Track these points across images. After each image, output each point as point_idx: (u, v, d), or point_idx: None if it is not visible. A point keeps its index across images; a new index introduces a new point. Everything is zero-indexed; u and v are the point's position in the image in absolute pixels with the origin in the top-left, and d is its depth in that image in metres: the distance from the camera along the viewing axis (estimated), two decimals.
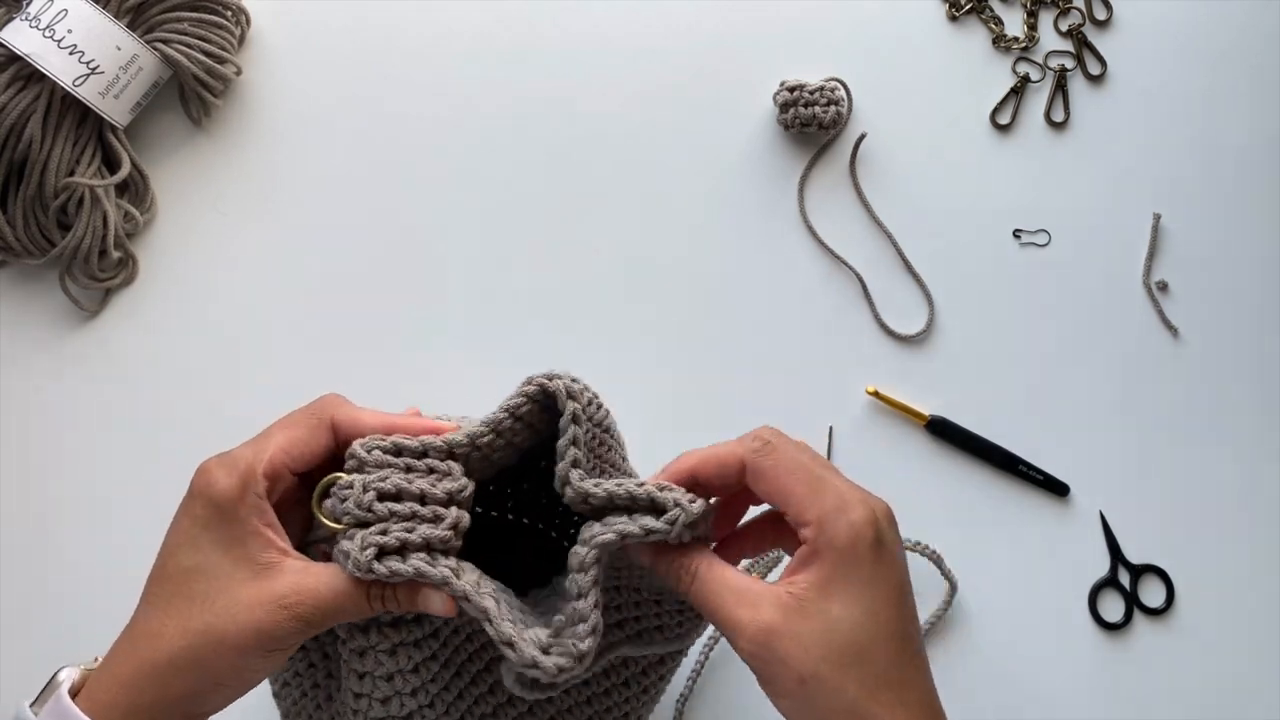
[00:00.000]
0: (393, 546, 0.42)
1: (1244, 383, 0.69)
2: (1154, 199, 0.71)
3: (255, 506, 0.43)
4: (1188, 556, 0.67)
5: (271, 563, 0.42)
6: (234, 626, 0.41)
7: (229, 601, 0.41)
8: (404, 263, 0.69)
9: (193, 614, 0.41)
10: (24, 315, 0.68)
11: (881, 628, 0.41)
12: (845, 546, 0.41)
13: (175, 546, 0.43)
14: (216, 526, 0.42)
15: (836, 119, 0.70)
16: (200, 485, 0.43)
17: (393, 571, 0.41)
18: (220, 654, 0.41)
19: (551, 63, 0.72)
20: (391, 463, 0.44)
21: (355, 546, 0.41)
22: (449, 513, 0.43)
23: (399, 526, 0.42)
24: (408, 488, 0.43)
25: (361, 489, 0.42)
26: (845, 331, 0.69)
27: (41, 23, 0.64)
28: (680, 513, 0.42)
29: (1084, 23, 0.73)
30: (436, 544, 0.42)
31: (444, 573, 0.41)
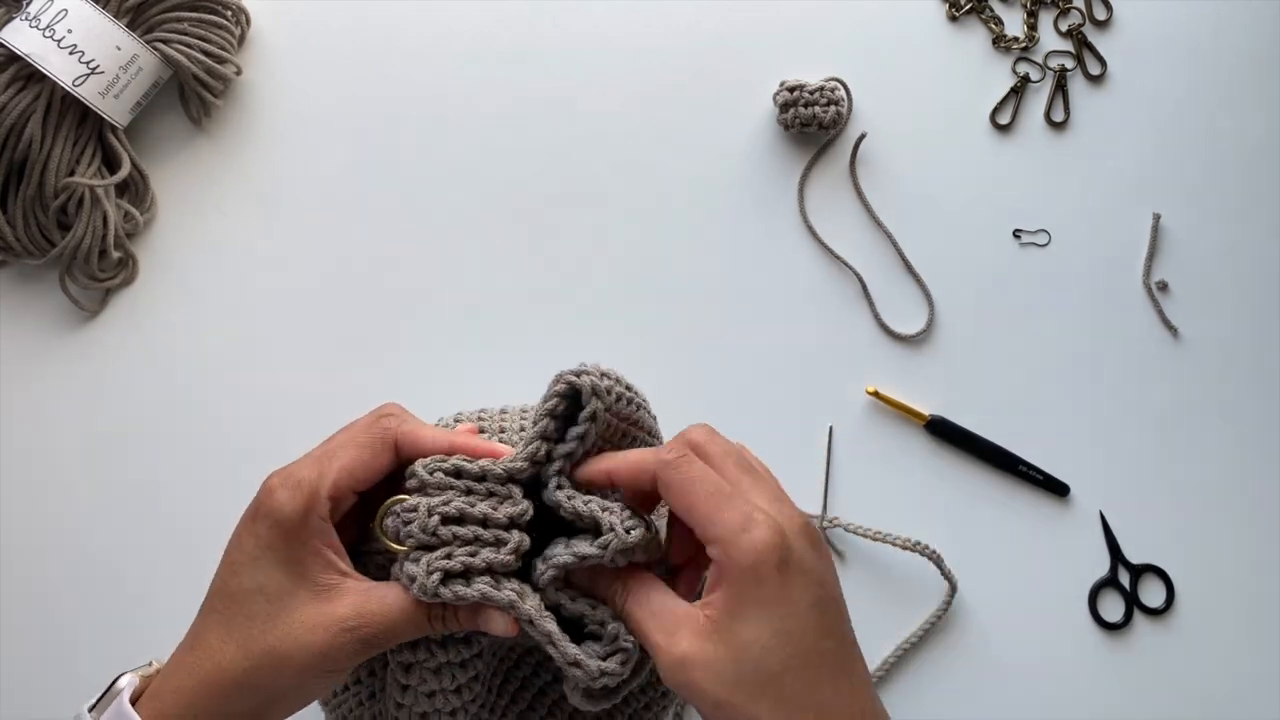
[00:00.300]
0: (457, 570, 0.43)
1: (1244, 383, 0.69)
2: (1154, 199, 0.71)
3: (319, 529, 0.43)
4: (1188, 556, 0.67)
5: (333, 584, 0.43)
6: (296, 649, 0.42)
7: (291, 624, 0.42)
8: (404, 262, 0.69)
9: (254, 635, 0.42)
10: (24, 315, 0.68)
11: (794, 649, 0.40)
12: (748, 567, 0.40)
13: (238, 565, 0.43)
14: (280, 547, 0.42)
15: (836, 119, 0.70)
16: (265, 506, 0.43)
17: (458, 596, 0.42)
18: (282, 675, 0.42)
19: (551, 63, 0.72)
20: (453, 484, 0.44)
21: (421, 571, 0.42)
22: (511, 536, 0.44)
23: (463, 551, 0.43)
24: (470, 511, 0.44)
25: (426, 512, 0.43)
26: (845, 331, 0.69)
27: (41, 23, 0.64)
28: (614, 538, 0.42)
29: (1084, 23, 0.73)
30: (499, 568, 0.43)
31: (509, 596, 0.42)
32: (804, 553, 0.41)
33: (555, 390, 0.44)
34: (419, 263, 0.69)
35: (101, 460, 0.67)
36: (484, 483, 0.45)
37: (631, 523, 0.43)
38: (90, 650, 0.65)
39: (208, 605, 0.44)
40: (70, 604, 0.65)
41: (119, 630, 0.65)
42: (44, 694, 0.64)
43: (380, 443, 0.44)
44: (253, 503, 0.44)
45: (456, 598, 0.42)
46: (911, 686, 0.65)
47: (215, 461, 0.67)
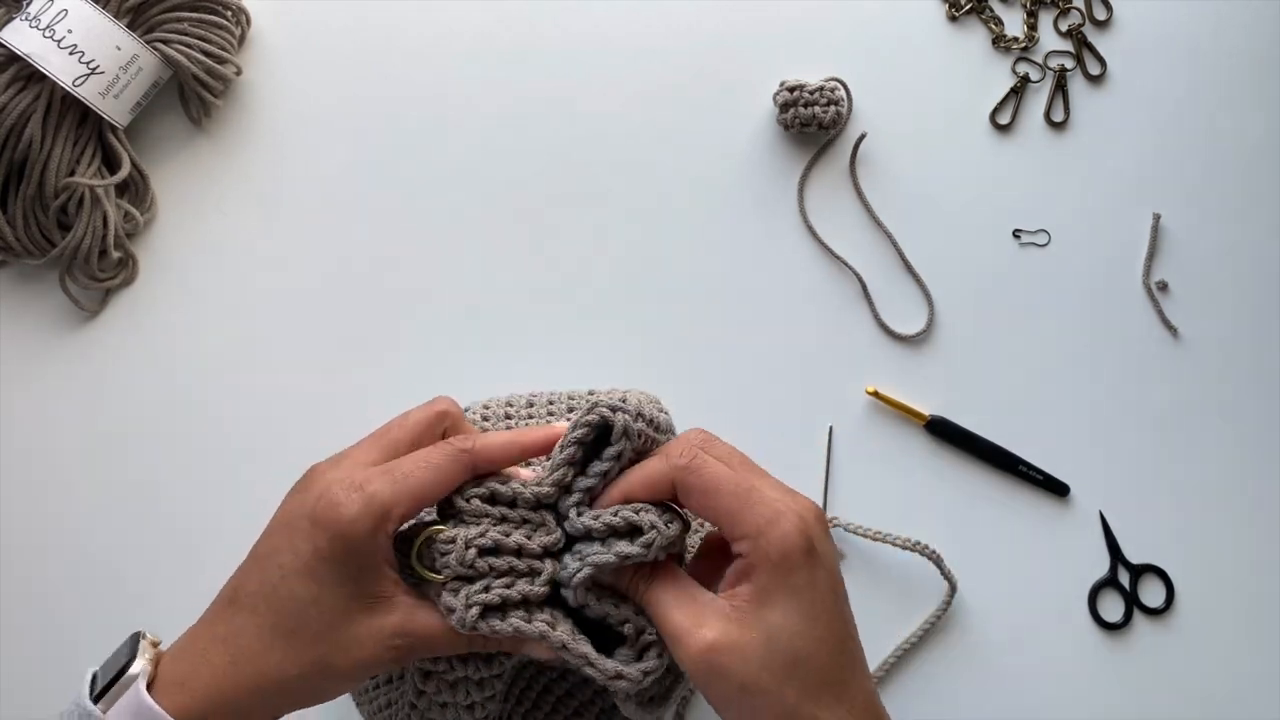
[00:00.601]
0: (495, 604, 0.43)
1: (1244, 383, 0.69)
2: (1154, 199, 0.71)
3: (382, 548, 0.43)
4: (1188, 556, 0.67)
5: (385, 597, 0.43)
6: (344, 660, 0.42)
7: (342, 637, 0.42)
8: (404, 262, 0.69)
9: (304, 646, 0.42)
10: (24, 315, 0.68)
11: (820, 633, 0.42)
12: (779, 559, 0.41)
13: (291, 572, 0.42)
14: (340, 562, 0.42)
15: (836, 119, 0.70)
16: (329, 519, 0.42)
17: (494, 630, 0.43)
18: (326, 680, 0.43)
19: (551, 63, 0.72)
20: (488, 512, 0.45)
21: (460, 604, 0.43)
22: (544, 566, 0.45)
23: (499, 583, 0.44)
24: (505, 541, 0.44)
25: (464, 546, 0.44)
26: (845, 331, 0.69)
27: (41, 23, 0.64)
28: (656, 535, 0.43)
29: (1084, 23, 0.73)
30: (534, 599, 0.44)
31: (541, 628, 0.43)
32: (822, 540, 0.43)
33: (587, 420, 0.45)
34: (419, 263, 0.69)
35: (101, 460, 0.67)
36: (516, 509, 0.45)
37: (667, 517, 0.44)
38: (90, 650, 0.65)
39: (247, 603, 0.43)
40: (70, 604, 0.65)
41: (119, 630, 0.65)
42: (44, 694, 0.64)
43: (454, 464, 0.44)
44: (310, 506, 0.42)
45: (492, 631, 0.43)
46: (911, 686, 0.65)
47: (215, 461, 0.67)
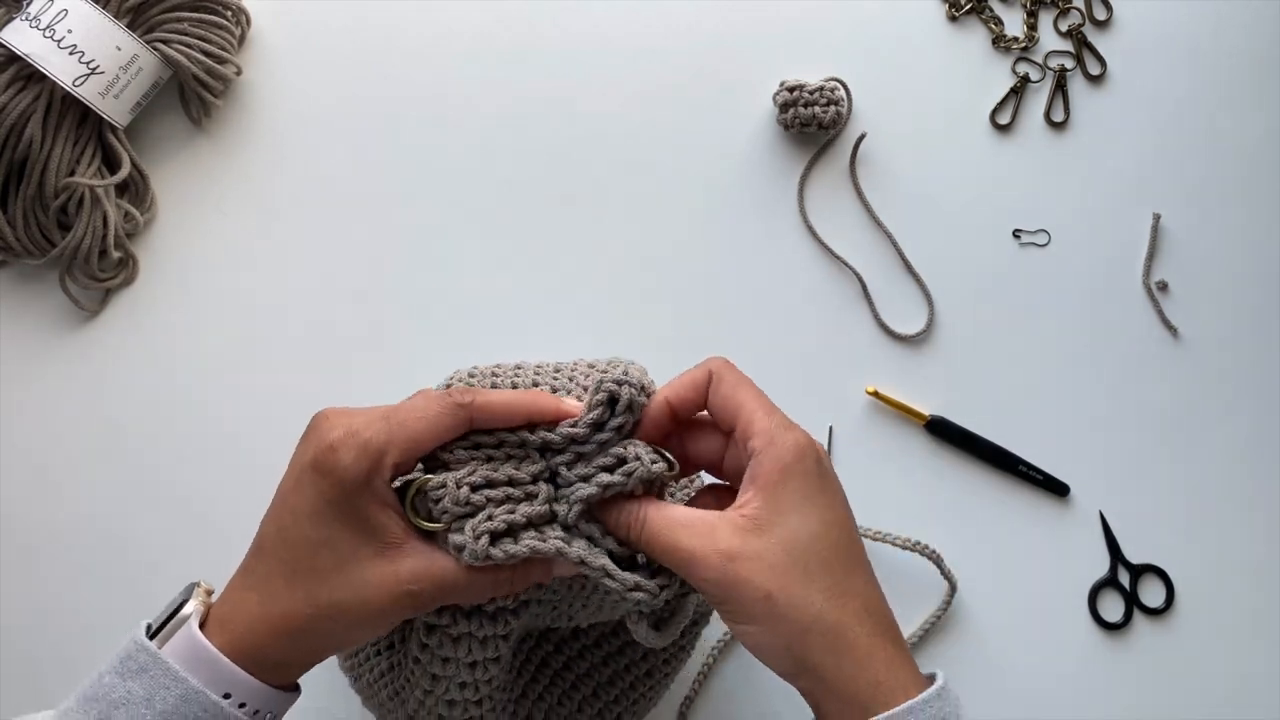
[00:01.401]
0: (501, 530, 0.44)
1: (1244, 383, 0.69)
2: (1154, 199, 0.71)
3: (380, 491, 0.44)
4: (1188, 556, 0.67)
5: (396, 543, 0.44)
6: (360, 603, 0.43)
7: (355, 580, 0.43)
8: (404, 262, 0.69)
9: (320, 588, 0.43)
10: (24, 315, 0.68)
11: (839, 538, 0.43)
12: (793, 460, 0.42)
13: (300, 515, 0.43)
14: (342, 505, 0.43)
15: (836, 119, 0.70)
16: (329, 464, 0.43)
17: (509, 554, 0.44)
18: (345, 625, 0.43)
19: (551, 63, 0.72)
20: (473, 455, 0.46)
21: (468, 538, 0.43)
22: (540, 488, 0.46)
23: (501, 510, 0.44)
24: (495, 475, 0.45)
25: (455, 485, 0.44)
26: (845, 331, 0.69)
27: (41, 23, 0.64)
28: (639, 465, 0.45)
29: (1084, 23, 0.73)
30: (537, 520, 0.45)
31: (556, 544, 0.44)
32: (826, 460, 0.45)
33: (598, 400, 0.46)
34: (419, 263, 0.69)
35: (102, 459, 0.67)
36: (502, 448, 0.46)
37: (653, 455, 0.45)
38: (90, 649, 0.65)
39: (269, 549, 0.44)
40: (71, 603, 0.65)
41: (120, 629, 0.65)
42: (45, 694, 0.64)
43: (451, 415, 0.45)
44: (310, 450, 0.44)
45: (508, 556, 0.43)
46: None
47: (215, 461, 0.67)
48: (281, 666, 0.44)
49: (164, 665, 0.42)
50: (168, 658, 0.42)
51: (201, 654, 0.42)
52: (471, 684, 0.49)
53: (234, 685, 0.42)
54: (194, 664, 0.42)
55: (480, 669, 0.48)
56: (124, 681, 0.42)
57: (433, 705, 0.50)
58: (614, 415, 0.46)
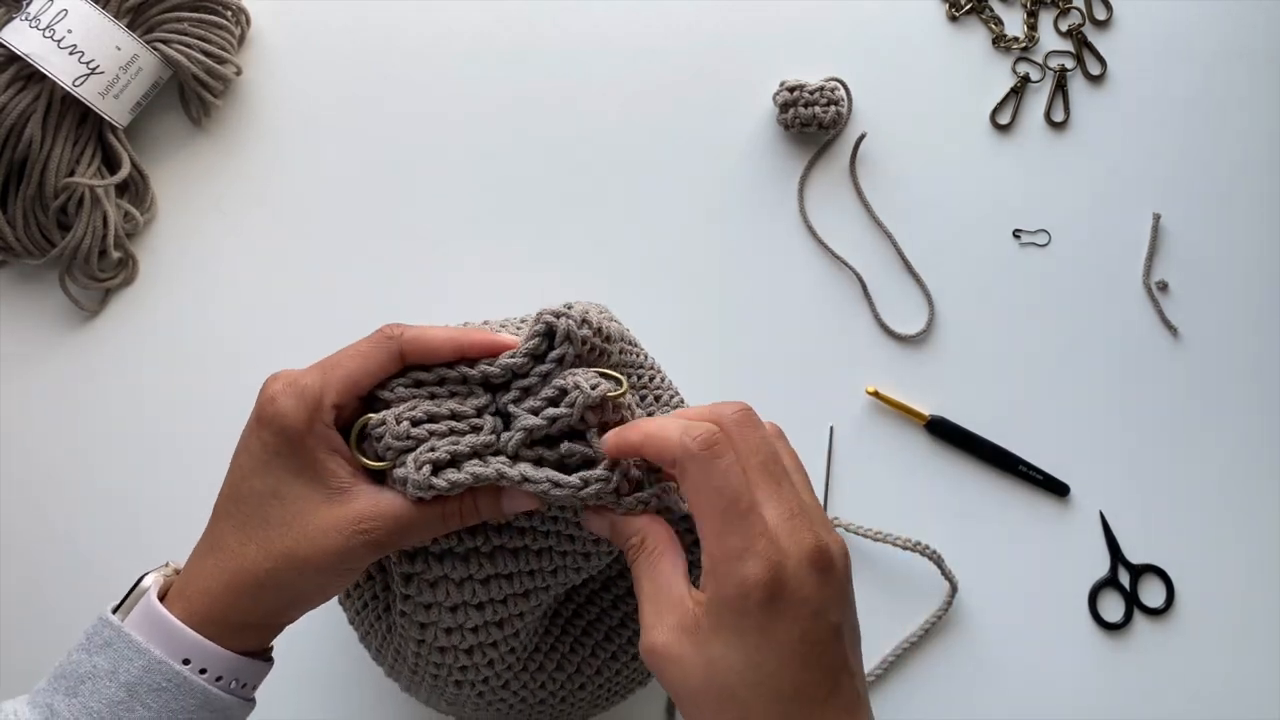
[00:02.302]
0: (445, 460, 0.43)
1: (1244, 383, 0.69)
2: (1154, 199, 0.71)
3: (324, 435, 0.44)
4: (1188, 556, 0.67)
5: (344, 487, 0.43)
6: (313, 550, 0.43)
7: (307, 526, 0.43)
8: (404, 263, 0.69)
9: (272, 538, 0.43)
10: (24, 315, 0.68)
11: (765, 683, 0.38)
12: (734, 599, 0.39)
13: (248, 470, 0.44)
14: (287, 454, 0.43)
15: (836, 119, 0.70)
16: (268, 414, 0.43)
17: (452, 483, 0.43)
18: (302, 575, 0.43)
19: (551, 63, 0.72)
20: (415, 393, 0.45)
21: (410, 469, 0.43)
22: (485, 421, 0.45)
23: (445, 441, 0.44)
24: (438, 410, 0.45)
25: (395, 420, 0.44)
26: (845, 331, 0.69)
27: (41, 23, 0.64)
28: (578, 394, 0.44)
29: (1084, 23, 0.73)
30: (484, 450, 0.44)
31: (499, 468, 0.44)
32: (802, 584, 0.39)
33: (536, 330, 0.46)
34: (418, 263, 0.69)
35: (101, 459, 0.67)
36: (444, 385, 0.46)
37: (594, 380, 0.45)
38: None
39: (221, 509, 0.44)
40: (69, 603, 0.65)
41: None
42: None
43: (383, 350, 0.45)
44: (255, 407, 0.44)
45: (451, 485, 0.43)
46: (911, 686, 0.65)
47: (215, 461, 0.67)
48: (246, 629, 0.44)
49: (126, 638, 0.42)
50: (129, 630, 0.42)
51: (160, 623, 0.42)
52: (456, 629, 0.49)
53: (193, 651, 0.42)
54: (154, 634, 0.42)
55: (461, 612, 0.48)
56: (90, 656, 0.42)
57: (427, 655, 0.50)
58: (553, 347, 0.45)
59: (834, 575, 0.40)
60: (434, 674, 0.52)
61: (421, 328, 0.45)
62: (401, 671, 0.54)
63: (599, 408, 0.45)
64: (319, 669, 0.65)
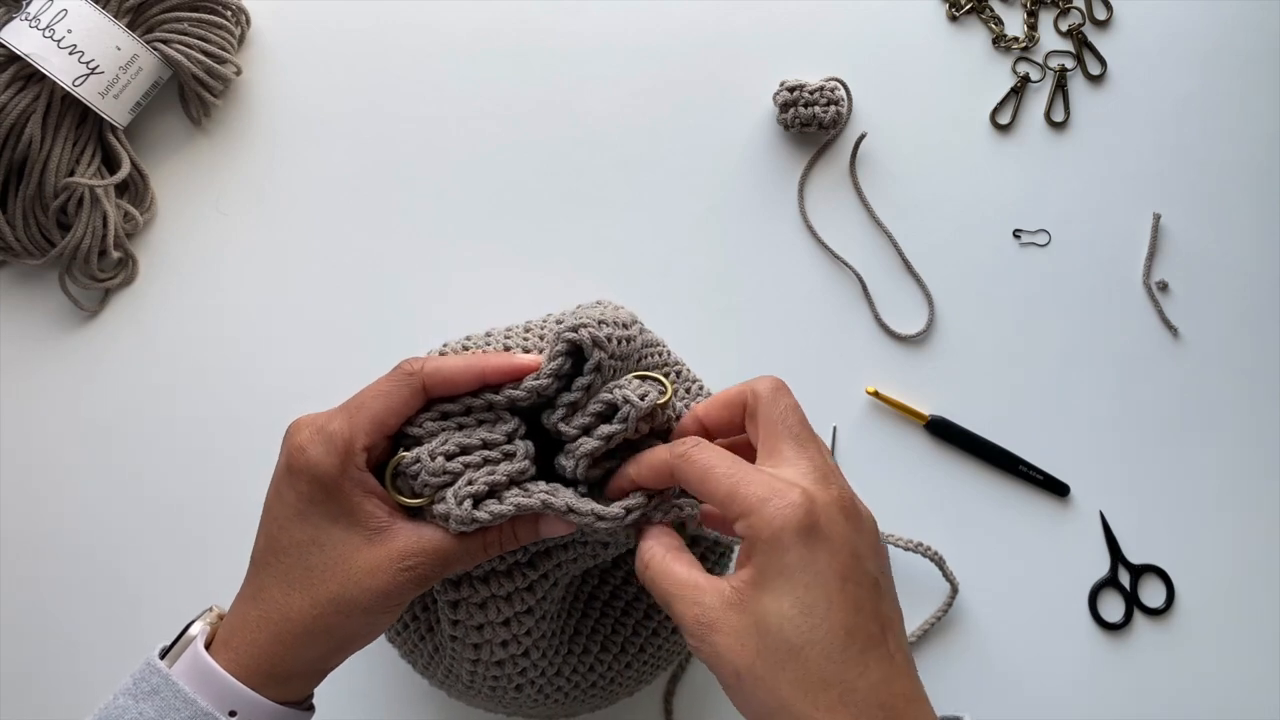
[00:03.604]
0: (484, 492, 0.44)
1: (1244, 383, 0.69)
2: (1154, 199, 0.71)
3: (357, 479, 0.44)
4: (1188, 556, 0.67)
5: (383, 527, 0.44)
6: (359, 592, 0.43)
7: (350, 570, 0.43)
8: (403, 262, 0.69)
9: (317, 586, 0.43)
10: (24, 315, 0.68)
11: (818, 623, 0.38)
12: (770, 536, 0.39)
13: (284, 521, 0.44)
14: (323, 501, 0.44)
15: (836, 119, 0.70)
16: (300, 463, 0.44)
17: (495, 515, 0.44)
18: (350, 618, 0.43)
19: (551, 63, 0.72)
20: (444, 426, 0.46)
21: (452, 505, 0.43)
22: (517, 446, 0.46)
23: (481, 473, 0.44)
24: (470, 441, 0.45)
25: (429, 457, 0.44)
26: (845, 331, 0.69)
27: (41, 23, 0.64)
28: (630, 409, 0.45)
29: (1084, 23, 0.73)
30: (519, 477, 0.45)
31: (541, 498, 0.44)
32: (834, 523, 0.40)
33: (558, 350, 0.46)
34: (418, 263, 0.69)
35: (101, 460, 0.67)
36: (471, 414, 0.46)
37: (642, 390, 0.45)
38: (89, 649, 0.65)
39: (261, 560, 0.45)
40: (70, 603, 0.65)
41: (118, 628, 0.65)
42: (45, 693, 0.64)
43: (406, 388, 0.45)
44: (284, 457, 0.45)
45: (495, 516, 0.43)
46: None
47: (215, 461, 0.67)
48: (293, 678, 0.44)
49: (174, 686, 0.42)
50: (177, 679, 0.42)
51: (207, 673, 0.43)
52: (512, 639, 0.49)
53: (239, 703, 0.42)
54: (201, 684, 0.42)
55: (515, 623, 0.49)
56: (137, 703, 0.42)
57: (484, 671, 0.51)
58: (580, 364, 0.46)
59: (864, 525, 0.42)
60: (492, 685, 0.52)
61: (440, 360, 0.46)
62: (455, 686, 0.54)
63: (650, 416, 0.46)
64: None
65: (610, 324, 0.47)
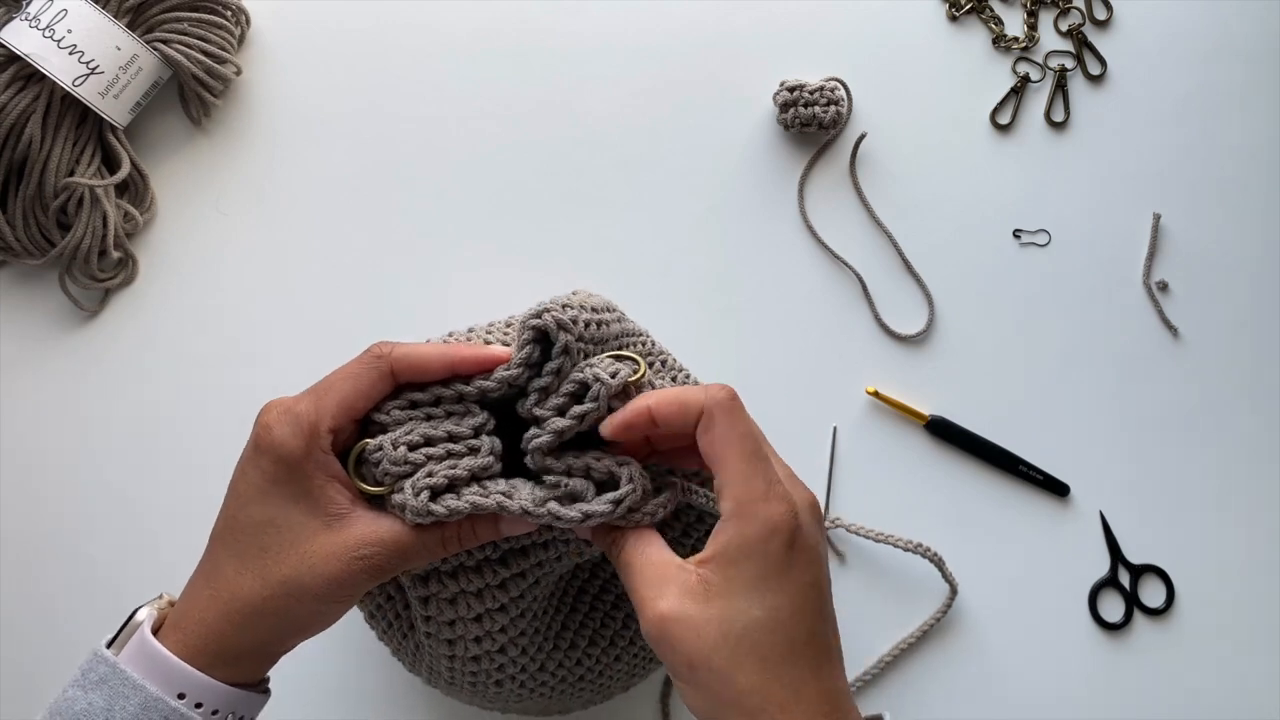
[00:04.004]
0: (442, 485, 0.43)
1: (1243, 383, 0.69)
2: (1154, 199, 0.71)
3: (321, 461, 0.43)
4: (1188, 556, 0.67)
5: (342, 513, 0.43)
6: (311, 577, 0.42)
7: (305, 553, 0.43)
8: (404, 263, 0.69)
9: (270, 565, 0.43)
10: (24, 315, 0.68)
11: (782, 630, 0.40)
12: (757, 541, 0.40)
13: (245, 499, 0.44)
14: (285, 481, 0.43)
15: (836, 119, 0.70)
16: (265, 442, 0.43)
17: (451, 510, 0.43)
18: (300, 602, 0.43)
19: (551, 63, 0.72)
20: (411, 415, 0.45)
21: (409, 495, 0.43)
22: (483, 442, 0.45)
23: (442, 466, 0.44)
24: (435, 433, 0.44)
25: (391, 445, 0.44)
26: (845, 331, 0.69)
27: (41, 23, 0.64)
28: (601, 386, 0.44)
29: (1084, 23, 0.73)
30: (482, 473, 0.44)
31: (498, 499, 0.43)
32: (810, 531, 0.41)
33: (525, 339, 0.45)
34: (418, 262, 0.69)
35: (101, 459, 0.67)
36: (440, 405, 0.45)
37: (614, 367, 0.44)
38: (89, 648, 0.65)
39: (218, 539, 0.44)
40: (69, 603, 0.65)
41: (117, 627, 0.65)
42: (45, 693, 0.64)
43: (375, 371, 0.45)
44: (252, 436, 0.44)
45: (450, 511, 0.43)
46: (911, 686, 0.65)
47: (215, 461, 0.67)
48: (242, 659, 0.43)
49: (121, 674, 0.42)
50: (124, 665, 0.42)
51: (154, 657, 0.42)
52: (485, 635, 0.49)
53: (189, 686, 0.42)
54: (149, 669, 0.42)
55: (488, 619, 0.48)
56: (85, 694, 0.42)
57: (461, 666, 0.50)
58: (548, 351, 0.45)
59: (824, 530, 0.43)
60: (471, 681, 0.52)
61: (411, 345, 0.45)
62: (438, 682, 0.54)
63: (623, 394, 0.45)
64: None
65: (578, 308, 0.46)
